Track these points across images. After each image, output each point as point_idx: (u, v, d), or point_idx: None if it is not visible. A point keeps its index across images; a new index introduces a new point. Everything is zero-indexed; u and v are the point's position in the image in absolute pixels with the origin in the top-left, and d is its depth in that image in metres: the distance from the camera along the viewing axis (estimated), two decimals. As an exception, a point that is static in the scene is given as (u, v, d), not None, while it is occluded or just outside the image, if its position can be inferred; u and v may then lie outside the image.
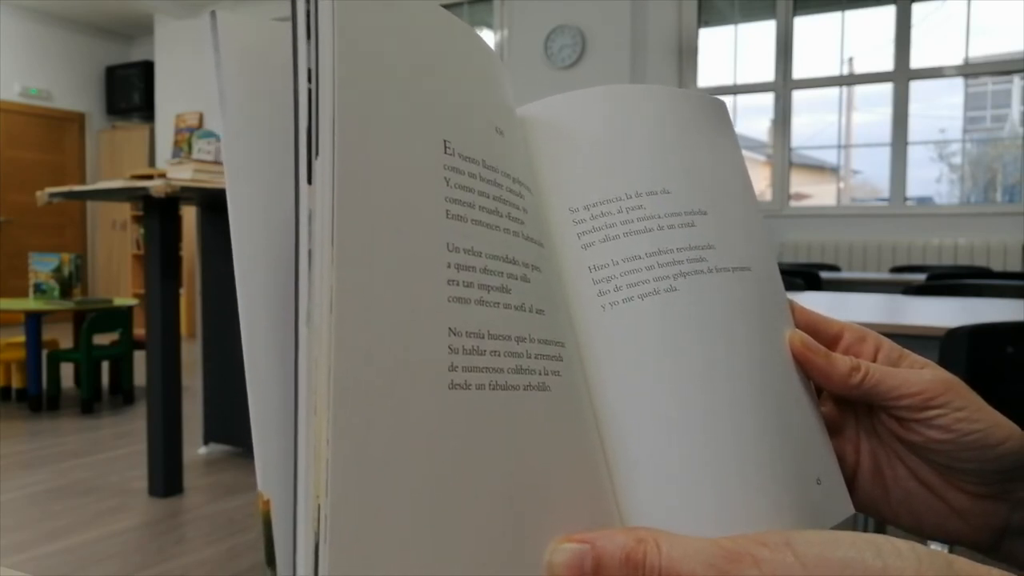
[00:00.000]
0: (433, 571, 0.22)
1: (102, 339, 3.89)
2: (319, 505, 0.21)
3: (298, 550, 0.21)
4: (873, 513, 0.39)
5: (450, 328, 0.25)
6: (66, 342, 4.10)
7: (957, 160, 4.19)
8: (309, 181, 0.23)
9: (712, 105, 0.40)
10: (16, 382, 3.90)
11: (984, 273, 3.17)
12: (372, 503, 0.22)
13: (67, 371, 4.20)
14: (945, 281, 2.24)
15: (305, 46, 0.24)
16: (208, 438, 3.01)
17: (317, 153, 0.23)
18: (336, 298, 0.22)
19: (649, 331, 0.33)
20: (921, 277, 2.72)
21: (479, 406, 0.25)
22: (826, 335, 0.39)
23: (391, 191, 0.25)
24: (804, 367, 0.36)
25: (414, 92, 0.27)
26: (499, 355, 0.26)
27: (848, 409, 0.40)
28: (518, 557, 0.25)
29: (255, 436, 0.23)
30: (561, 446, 0.28)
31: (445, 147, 0.27)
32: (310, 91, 0.23)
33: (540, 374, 0.28)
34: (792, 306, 0.39)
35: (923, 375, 0.35)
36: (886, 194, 4.21)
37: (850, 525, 0.34)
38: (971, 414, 0.34)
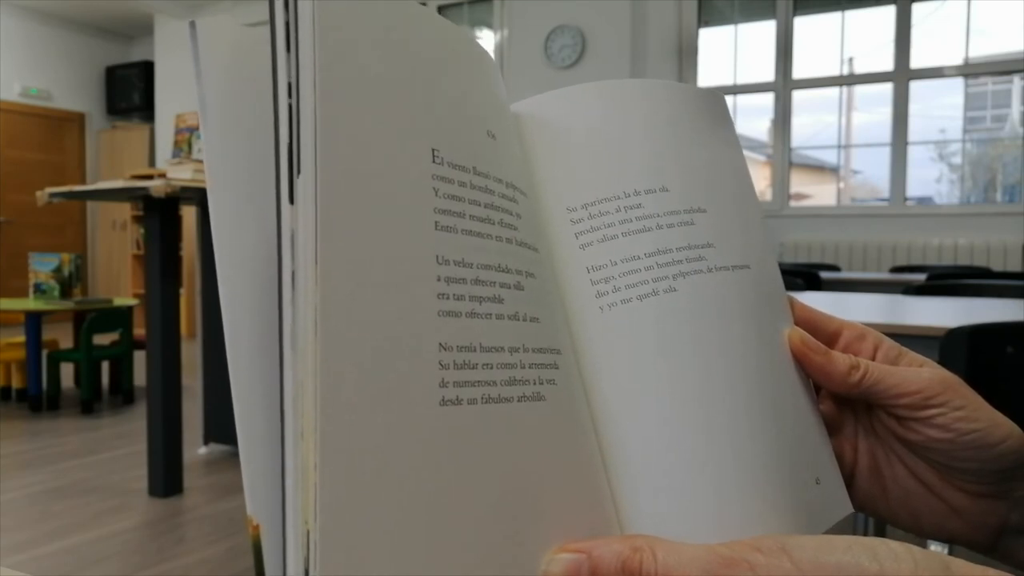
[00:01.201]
0: None
1: (102, 339, 3.89)
2: (308, 531, 0.20)
3: None
4: (872, 512, 0.39)
5: (440, 343, 0.24)
6: (66, 342, 4.09)
7: (957, 160, 4.18)
8: (291, 200, 0.22)
9: (710, 98, 0.40)
10: (16, 382, 3.90)
11: (984, 273, 3.16)
12: (363, 528, 0.21)
13: (67, 371, 4.20)
14: (945, 281, 2.23)
15: (284, 58, 0.23)
16: (208, 438, 3.00)
17: (299, 171, 0.22)
18: (321, 319, 0.22)
19: (648, 333, 0.32)
20: (921, 277, 2.72)
21: (472, 422, 0.25)
22: (825, 333, 0.39)
23: (377, 206, 0.24)
24: (803, 365, 0.36)
25: (401, 101, 0.26)
26: (492, 367, 0.26)
27: (847, 408, 0.40)
28: (515, 570, 0.24)
29: (243, 458, 0.23)
30: (557, 455, 0.28)
31: (434, 156, 0.27)
32: (291, 106, 0.22)
33: (535, 384, 0.27)
34: (791, 303, 0.38)
35: (922, 373, 0.35)
36: (886, 194, 4.21)
37: (849, 524, 0.34)
38: (970, 413, 0.34)
